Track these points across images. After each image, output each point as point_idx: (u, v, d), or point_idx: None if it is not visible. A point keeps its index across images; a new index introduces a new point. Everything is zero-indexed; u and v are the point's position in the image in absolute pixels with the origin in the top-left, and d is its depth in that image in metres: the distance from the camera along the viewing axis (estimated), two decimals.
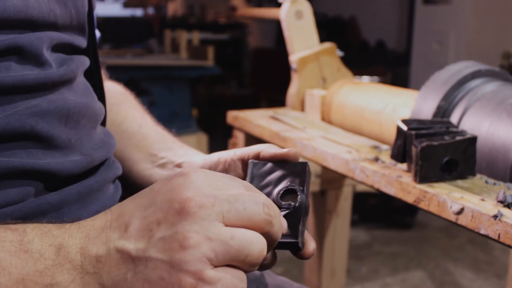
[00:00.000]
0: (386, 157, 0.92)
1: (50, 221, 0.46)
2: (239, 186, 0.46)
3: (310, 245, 0.52)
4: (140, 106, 0.89)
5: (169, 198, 0.43)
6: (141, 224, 0.43)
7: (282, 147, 0.56)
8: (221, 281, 0.42)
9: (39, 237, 0.43)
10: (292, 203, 0.52)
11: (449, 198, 0.72)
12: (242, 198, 0.44)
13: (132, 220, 0.44)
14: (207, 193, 0.43)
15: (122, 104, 0.85)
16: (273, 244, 0.47)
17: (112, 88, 0.87)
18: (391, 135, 0.97)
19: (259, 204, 0.44)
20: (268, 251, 0.46)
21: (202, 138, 3.21)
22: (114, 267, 0.43)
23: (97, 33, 0.75)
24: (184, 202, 0.42)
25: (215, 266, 0.42)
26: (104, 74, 0.86)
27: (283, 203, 0.52)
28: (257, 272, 0.75)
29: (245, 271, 0.44)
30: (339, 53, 1.34)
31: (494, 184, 0.78)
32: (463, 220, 0.69)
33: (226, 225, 0.43)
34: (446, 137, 0.78)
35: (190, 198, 0.42)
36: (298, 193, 0.53)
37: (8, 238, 0.43)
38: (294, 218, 0.52)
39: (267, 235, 0.45)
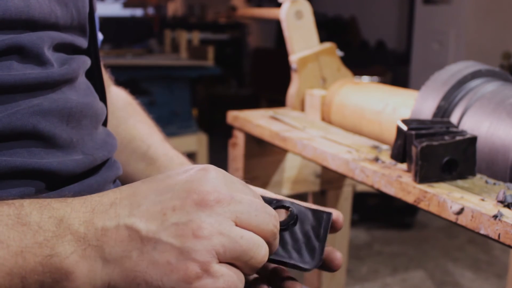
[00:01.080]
0: (386, 157, 0.92)
1: (49, 196, 0.46)
2: (250, 193, 0.47)
3: (337, 255, 0.54)
4: (146, 115, 0.90)
5: (188, 188, 0.44)
6: (155, 206, 0.44)
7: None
8: (223, 276, 0.42)
9: (38, 210, 0.43)
10: (293, 213, 0.53)
11: (449, 198, 0.72)
12: (255, 204, 0.46)
13: (145, 201, 0.44)
14: (224, 191, 0.44)
15: (130, 118, 0.86)
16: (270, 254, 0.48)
17: (119, 97, 0.88)
18: (391, 135, 0.97)
19: (270, 215, 0.46)
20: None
21: (202, 138, 3.20)
22: (120, 243, 0.43)
23: (100, 36, 0.76)
24: (203, 195, 0.44)
25: (220, 262, 0.43)
26: (109, 79, 0.86)
27: (282, 221, 0.53)
28: None
29: (245, 274, 0.45)
30: (339, 53, 1.34)
31: (494, 184, 0.78)
32: (463, 220, 0.69)
33: (237, 226, 0.44)
34: (446, 137, 0.78)
35: (209, 192, 0.44)
36: (286, 204, 0.53)
37: (5, 212, 0.43)
38: (306, 215, 0.52)
39: (268, 245, 0.46)
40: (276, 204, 0.53)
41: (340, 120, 1.18)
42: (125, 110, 0.86)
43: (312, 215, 0.52)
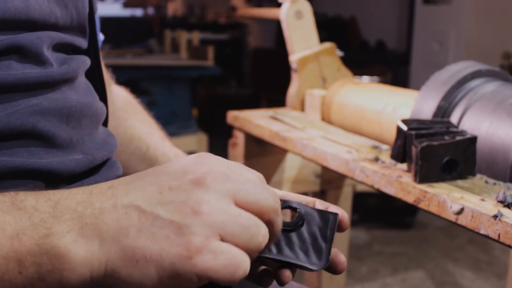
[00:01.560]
0: (386, 157, 0.92)
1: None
2: (249, 172, 0.47)
3: (341, 258, 0.53)
4: (146, 114, 0.90)
5: (184, 170, 0.44)
6: (151, 187, 0.43)
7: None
8: (224, 253, 0.41)
9: (33, 196, 0.43)
10: (300, 214, 0.52)
11: (449, 198, 0.72)
12: (252, 181, 0.45)
13: (142, 183, 0.44)
14: (220, 171, 0.44)
15: (129, 118, 0.86)
16: (273, 236, 0.47)
17: (119, 97, 0.88)
18: (391, 135, 0.97)
19: (268, 191, 0.45)
20: (269, 243, 0.47)
21: (202, 138, 3.21)
22: (117, 220, 0.42)
23: (101, 36, 0.76)
24: (199, 174, 0.43)
25: (222, 240, 0.42)
26: (110, 78, 0.87)
27: (290, 222, 0.52)
28: None
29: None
30: (339, 53, 1.34)
31: (494, 184, 0.78)
32: (463, 220, 0.69)
33: (236, 204, 0.44)
34: (446, 137, 0.78)
35: (205, 172, 0.44)
36: (293, 205, 0.53)
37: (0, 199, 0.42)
38: (313, 216, 0.52)
39: (270, 224, 0.45)
40: (283, 205, 0.53)
41: (340, 120, 1.18)
42: (124, 110, 0.86)
43: (319, 216, 0.52)
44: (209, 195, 0.43)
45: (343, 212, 0.54)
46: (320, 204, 0.56)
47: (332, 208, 0.55)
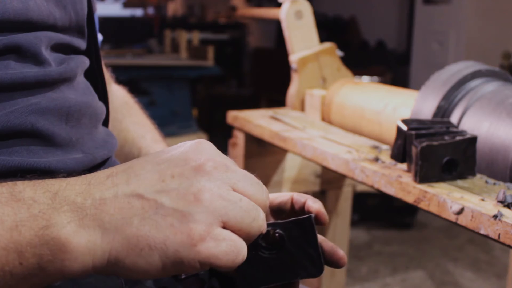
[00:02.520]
0: (386, 157, 0.92)
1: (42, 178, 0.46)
2: (238, 167, 0.48)
3: (340, 253, 0.55)
4: (142, 114, 0.90)
5: (185, 157, 0.45)
6: (153, 175, 0.44)
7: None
8: (226, 241, 0.43)
9: (31, 187, 0.43)
10: (281, 234, 0.51)
11: (449, 198, 0.72)
12: (249, 175, 0.47)
13: (143, 171, 0.44)
14: (220, 160, 0.45)
15: (124, 119, 0.86)
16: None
17: (116, 97, 0.88)
18: (391, 135, 0.97)
19: (263, 187, 0.47)
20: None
21: (202, 138, 3.20)
22: (119, 210, 0.42)
23: (99, 36, 0.76)
24: (201, 161, 0.44)
25: (224, 227, 0.43)
26: (110, 77, 0.87)
27: (272, 245, 0.51)
28: None
29: (246, 241, 0.45)
30: (339, 53, 1.34)
31: (494, 184, 0.78)
32: (463, 220, 0.69)
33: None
34: (446, 137, 0.78)
35: (206, 159, 0.45)
36: (267, 228, 0.52)
37: None
38: (290, 229, 0.52)
39: None
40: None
41: (340, 120, 1.18)
42: (120, 111, 0.87)
43: (295, 226, 0.52)
44: (211, 182, 0.43)
45: (318, 207, 0.55)
46: (298, 197, 0.57)
47: (310, 201, 0.56)
